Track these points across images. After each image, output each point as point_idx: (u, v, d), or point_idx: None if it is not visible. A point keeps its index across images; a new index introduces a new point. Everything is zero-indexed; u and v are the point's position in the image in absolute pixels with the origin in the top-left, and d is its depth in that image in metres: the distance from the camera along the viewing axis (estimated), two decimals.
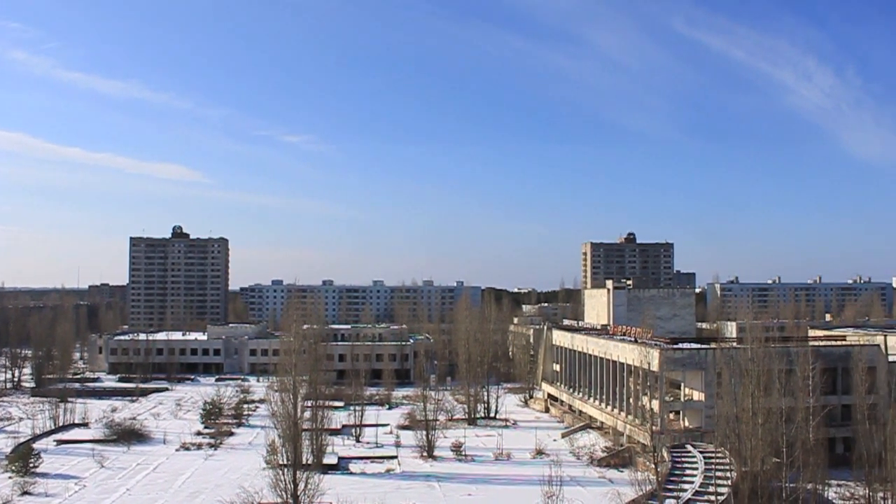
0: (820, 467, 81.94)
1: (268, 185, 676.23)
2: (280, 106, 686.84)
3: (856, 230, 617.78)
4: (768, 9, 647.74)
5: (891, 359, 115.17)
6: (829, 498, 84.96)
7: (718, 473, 77.47)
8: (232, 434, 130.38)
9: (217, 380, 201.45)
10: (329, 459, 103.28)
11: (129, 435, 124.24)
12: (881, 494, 79.73)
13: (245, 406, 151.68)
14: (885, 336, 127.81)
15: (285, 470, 78.46)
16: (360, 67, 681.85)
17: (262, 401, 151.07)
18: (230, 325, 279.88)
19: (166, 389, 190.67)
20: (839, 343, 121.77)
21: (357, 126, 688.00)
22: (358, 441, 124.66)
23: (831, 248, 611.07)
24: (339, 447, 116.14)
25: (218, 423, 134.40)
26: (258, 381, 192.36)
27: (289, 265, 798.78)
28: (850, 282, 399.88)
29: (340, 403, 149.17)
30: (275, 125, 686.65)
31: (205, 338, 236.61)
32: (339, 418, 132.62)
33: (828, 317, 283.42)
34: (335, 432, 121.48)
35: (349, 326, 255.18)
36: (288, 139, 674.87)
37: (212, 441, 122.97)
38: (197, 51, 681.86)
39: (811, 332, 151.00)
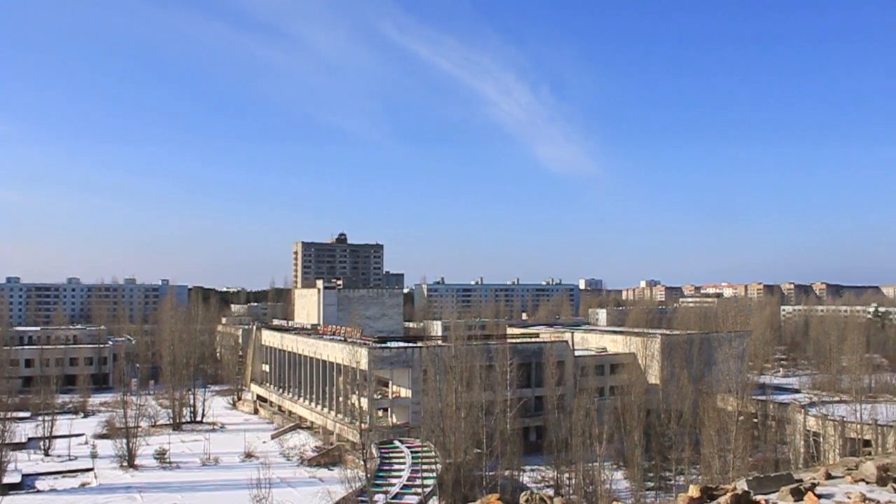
0: (516, 455, 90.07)
1: None
2: None
3: (548, 236, 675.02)
4: (473, 24, 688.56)
5: (576, 353, 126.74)
6: (524, 482, 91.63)
7: (425, 466, 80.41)
8: None
9: None
10: (11, 478, 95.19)
11: None
12: (567, 475, 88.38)
13: None
14: (573, 333, 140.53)
15: None
16: (50, 47, 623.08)
17: None
18: None
19: None
20: (534, 340, 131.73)
21: (47, 109, 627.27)
22: (47, 455, 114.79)
23: (528, 251, 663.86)
24: (24, 463, 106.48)
25: None
26: None
27: None
28: (544, 283, 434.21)
29: (27, 414, 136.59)
30: None
31: None
32: (25, 430, 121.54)
33: (524, 316, 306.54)
34: (20, 446, 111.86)
35: (38, 328, 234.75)
36: None
37: None
38: None
39: (509, 331, 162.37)
